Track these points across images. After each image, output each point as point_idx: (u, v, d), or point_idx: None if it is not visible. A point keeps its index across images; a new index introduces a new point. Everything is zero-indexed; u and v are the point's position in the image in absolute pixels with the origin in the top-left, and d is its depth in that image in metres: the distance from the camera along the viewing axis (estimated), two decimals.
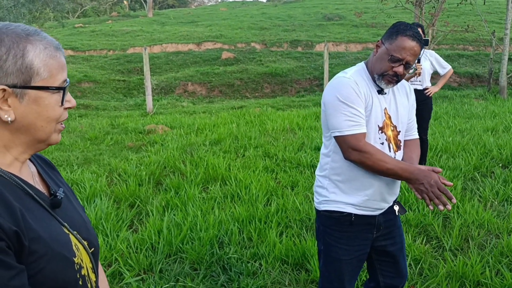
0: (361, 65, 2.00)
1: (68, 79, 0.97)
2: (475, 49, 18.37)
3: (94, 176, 5.08)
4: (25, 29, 0.91)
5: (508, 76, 11.64)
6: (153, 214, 3.98)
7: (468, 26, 13.87)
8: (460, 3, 12.19)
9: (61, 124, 0.98)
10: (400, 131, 2.01)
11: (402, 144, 2.03)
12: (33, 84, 0.90)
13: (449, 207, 1.75)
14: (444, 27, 15.46)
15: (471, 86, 14.40)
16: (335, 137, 1.89)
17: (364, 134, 1.86)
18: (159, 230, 3.61)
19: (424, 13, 12.69)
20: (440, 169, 1.85)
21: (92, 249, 1.05)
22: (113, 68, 16.21)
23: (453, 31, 14.55)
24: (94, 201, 4.27)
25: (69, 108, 0.99)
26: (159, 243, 3.42)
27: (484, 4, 12.35)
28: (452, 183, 1.78)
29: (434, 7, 12.65)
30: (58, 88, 0.94)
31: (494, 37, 12.12)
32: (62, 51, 0.96)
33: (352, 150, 1.83)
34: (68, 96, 0.98)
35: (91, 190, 4.53)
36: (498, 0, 25.19)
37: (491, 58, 12.34)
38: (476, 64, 16.17)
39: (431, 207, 1.79)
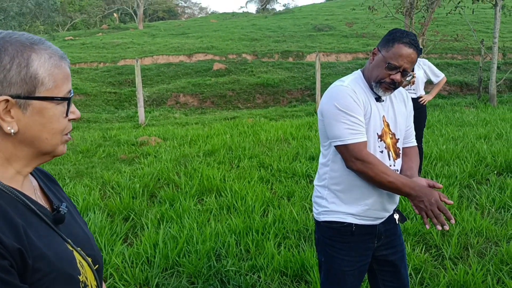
0: (358, 73, 1.98)
1: (72, 90, 0.94)
2: (464, 58, 18.61)
3: (87, 189, 5.00)
4: (30, 38, 0.87)
5: (497, 84, 11.77)
6: (148, 227, 3.91)
7: (457, 35, 14.05)
8: (449, 12, 12.35)
9: (67, 134, 0.94)
10: (398, 139, 1.98)
11: (401, 152, 2.01)
12: (37, 94, 0.86)
13: (447, 227, 1.71)
14: (434, 37, 15.66)
15: (460, 94, 14.55)
16: (336, 146, 1.86)
17: (365, 143, 1.83)
18: (154, 244, 3.54)
19: (414, 23, 12.83)
20: (441, 186, 1.82)
21: (97, 266, 1.01)
22: (104, 81, 16.14)
23: (443, 40, 14.74)
24: (88, 214, 4.19)
25: (74, 119, 0.96)
26: (155, 256, 3.35)
27: (473, 13, 12.50)
28: (452, 202, 1.75)
29: (423, 16, 12.81)
30: (63, 99, 0.90)
31: (483, 45, 12.28)
32: (67, 61, 0.93)
33: (355, 160, 1.80)
34: (73, 107, 0.95)
35: (84, 203, 4.45)
36: (484, 9, 25.60)
37: (480, 67, 12.49)
38: (465, 72, 16.36)
39: (427, 226, 1.76)
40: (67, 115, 0.92)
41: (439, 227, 1.72)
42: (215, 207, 4.37)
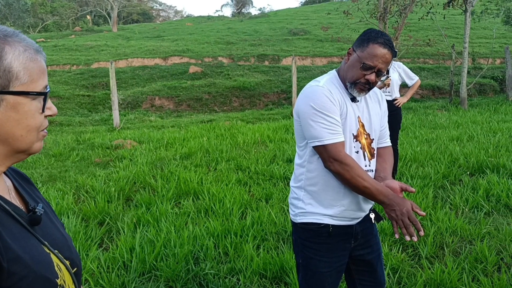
0: (333, 73, 1.97)
1: (48, 85, 0.90)
2: (435, 63, 19.09)
3: (60, 194, 4.87)
4: (3, 30, 0.83)
5: (467, 88, 12.09)
6: (124, 232, 3.83)
7: (429, 40, 14.38)
8: (421, 18, 12.63)
9: (44, 130, 0.90)
10: (373, 139, 1.98)
11: (375, 152, 2.01)
12: (11, 89, 0.82)
13: (415, 238, 1.72)
14: (407, 41, 15.98)
15: (432, 98, 14.90)
16: (314, 147, 1.84)
17: (343, 143, 1.82)
18: (131, 248, 3.47)
19: (388, 27, 13.07)
20: (413, 190, 1.83)
21: (75, 269, 0.97)
22: (77, 83, 15.83)
23: (416, 45, 15.06)
24: (61, 219, 4.08)
25: (50, 116, 0.92)
26: (131, 261, 3.28)
27: (444, 19, 12.83)
28: (424, 213, 1.76)
29: (397, 21, 13.06)
30: (39, 94, 0.86)
31: (454, 50, 12.60)
32: (43, 54, 0.89)
33: (333, 160, 1.79)
34: (49, 103, 0.91)
35: (57, 208, 4.34)
36: (454, 16, 26.32)
37: (451, 71, 12.81)
38: (437, 76, 16.77)
39: (397, 235, 1.77)
40: (43, 111, 0.88)
41: (408, 238, 1.72)
42: (192, 210, 4.32)
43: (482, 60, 17.93)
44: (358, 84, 1.85)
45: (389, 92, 5.02)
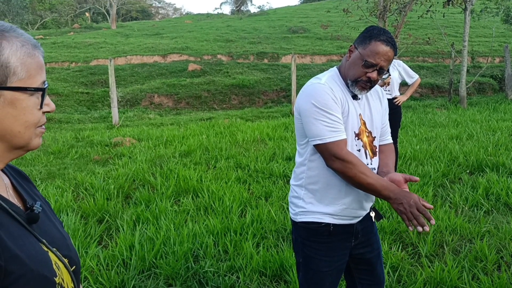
0: (334, 70, 1.94)
1: (46, 81, 0.89)
2: (434, 61, 19.06)
3: (59, 191, 4.86)
4: (0, 25, 0.82)
5: (467, 86, 12.09)
6: (123, 229, 3.82)
7: (429, 38, 14.37)
8: (421, 16, 12.62)
9: (42, 127, 0.89)
10: (375, 137, 1.97)
11: (377, 150, 2.00)
12: (9, 84, 0.81)
13: (427, 228, 1.71)
14: (406, 40, 15.96)
15: (432, 96, 14.89)
16: (316, 145, 1.82)
17: (345, 141, 1.80)
18: (130, 245, 3.46)
19: (387, 25, 13.05)
20: (417, 179, 1.80)
21: (74, 267, 0.96)
22: (76, 81, 15.79)
23: (415, 43, 15.05)
24: (60, 217, 4.07)
25: (48, 112, 0.90)
26: (131, 259, 3.28)
27: (444, 17, 12.81)
28: (433, 206, 1.74)
29: (396, 19, 13.05)
30: (37, 89, 0.85)
31: (454, 49, 12.59)
32: (41, 50, 0.88)
33: (335, 159, 1.76)
34: (47, 99, 0.89)
35: (56, 205, 4.33)
36: (453, 14, 26.30)
37: (451, 69, 12.81)
38: (436, 75, 16.76)
39: (410, 228, 1.74)
40: (41, 107, 0.87)
41: (420, 229, 1.69)
42: (192, 208, 4.31)
43: (482, 59, 17.92)
44: (359, 82, 1.83)
45: (389, 90, 5.01)
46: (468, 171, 5.33)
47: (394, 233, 3.68)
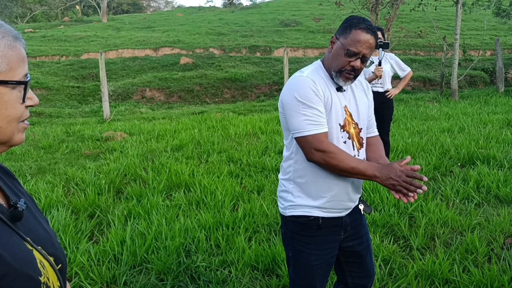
0: (318, 63, 1.96)
1: (29, 74, 0.86)
2: (426, 54, 19.11)
3: (50, 186, 4.82)
4: None
5: (458, 79, 12.14)
6: (114, 224, 3.80)
7: (421, 31, 14.39)
8: (413, 9, 12.62)
9: (25, 122, 0.86)
10: (361, 128, 1.97)
11: (364, 141, 2.00)
12: None
13: (425, 188, 1.70)
14: (398, 33, 15.97)
15: (423, 89, 14.94)
16: (296, 138, 1.83)
17: (326, 134, 1.80)
18: (122, 241, 3.44)
19: (380, 18, 13.05)
20: (418, 167, 1.75)
21: (59, 265, 0.93)
22: (67, 75, 15.64)
23: (407, 36, 15.06)
24: (51, 212, 4.03)
25: (31, 106, 0.88)
26: (122, 254, 3.26)
27: (436, 10, 12.82)
28: (419, 167, 1.74)
29: (389, 12, 13.05)
30: (19, 83, 0.82)
31: (445, 42, 12.62)
32: (22, 42, 0.85)
33: (315, 151, 1.77)
34: (30, 92, 0.87)
35: (46, 200, 4.28)
36: (445, 7, 26.36)
37: (442, 63, 12.84)
38: (428, 68, 16.80)
39: (405, 200, 1.75)
40: (23, 101, 0.84)
41: (420, 191, 1.70)
42: (184, 203, 4.29)
43: (473, 52, 18.00)
44: (343, 72, 1.84)
45: (381, 83, 5.01)
46: (459, 164, 5.36)
47: (385, 226, 3.69)
